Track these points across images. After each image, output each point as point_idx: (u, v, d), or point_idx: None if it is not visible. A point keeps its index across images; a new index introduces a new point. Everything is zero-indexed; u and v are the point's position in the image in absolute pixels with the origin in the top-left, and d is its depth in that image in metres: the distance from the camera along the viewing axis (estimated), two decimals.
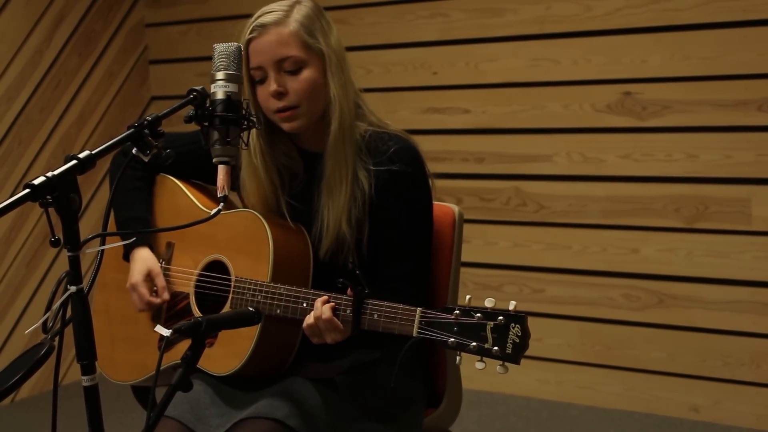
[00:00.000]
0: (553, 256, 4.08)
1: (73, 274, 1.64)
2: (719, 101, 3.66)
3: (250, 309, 1.93)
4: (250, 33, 2.16)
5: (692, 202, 3.76)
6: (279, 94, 2.16)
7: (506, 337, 1.82)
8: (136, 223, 2.34)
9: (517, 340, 1.82)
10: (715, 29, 3.65)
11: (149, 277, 2.29)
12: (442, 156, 4.25)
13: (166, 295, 2.29)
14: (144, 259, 2.31)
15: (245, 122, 1.92)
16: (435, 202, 2.37)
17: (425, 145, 2.32)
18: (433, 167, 2.27)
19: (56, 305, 1.70)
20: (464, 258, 2.47)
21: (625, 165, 3.88)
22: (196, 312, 2.26)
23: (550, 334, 4.10)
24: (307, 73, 2.17)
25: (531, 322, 1.85)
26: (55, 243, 1.62)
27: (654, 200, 3.83)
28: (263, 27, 2.16)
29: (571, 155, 4.00)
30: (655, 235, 3.85)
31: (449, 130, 4.26)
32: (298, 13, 2.18)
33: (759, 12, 3.56)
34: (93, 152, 1.69)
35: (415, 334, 1.91)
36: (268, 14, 2.17)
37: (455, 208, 2.40)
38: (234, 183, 2.28)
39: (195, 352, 1.78)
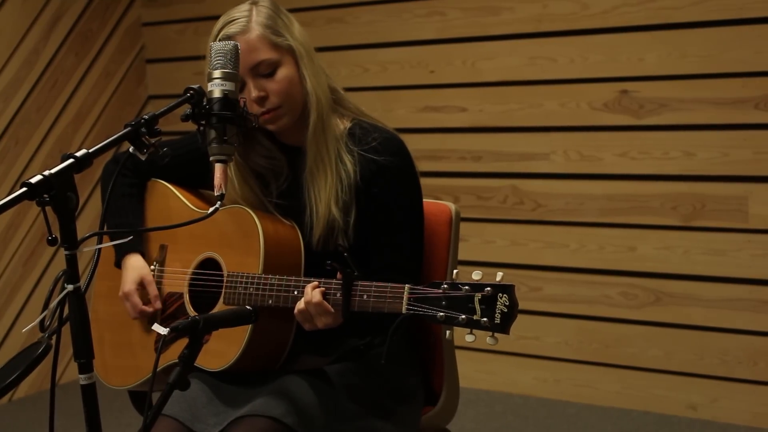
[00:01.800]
0: (550, 254, 4.08)
1: (71, 273, 1.64)
2: (716, 99, 3.67)
3: (247, 308, 1.94)
4: None
5: (689, 200, 3.76)
6: (261, 99, 2.18)
7: (494, 307, 1.82)
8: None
9: (506, 310, 1.82)
10: (712, 27, 3.65)
11: (141, 286, 2.30)
12: (439, 154, 4.25)
13: (158, 304, 2.30)
14: (135, 267, 2.32)
15: (242, 120, 1.93)
16: (432, 200, 2.38)
17: (422, 143, 2.33)
18: (430, 166, 2.28)
19: (53, 304, 1.70)
20: (461, 256, 2.47)
21: (622, 163, 3.88)
22: (191, 311, 2.26)
23: (548, 333, 4.10)
24: (282, 72, 2.19)
25: (529, 320, 1.85)
26: (52, 242, 1.63)
27: (651, 198, 3.84)
28: (229, 39, 2.16)
29: (568, 153, 4.00)
30: (652, 233, 3.85)
31: (446, 128, 4.25)
32: (259, 16, 2.19)
33: (755, 10, 3.56)
34: (90, 151, 1.70)
35: (404, 310, 1.91)
36: (230, 25, 2.19)
37: (452, 207, 2.40)
38: None
39: (192, 351, 1.79)
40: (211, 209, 1.85)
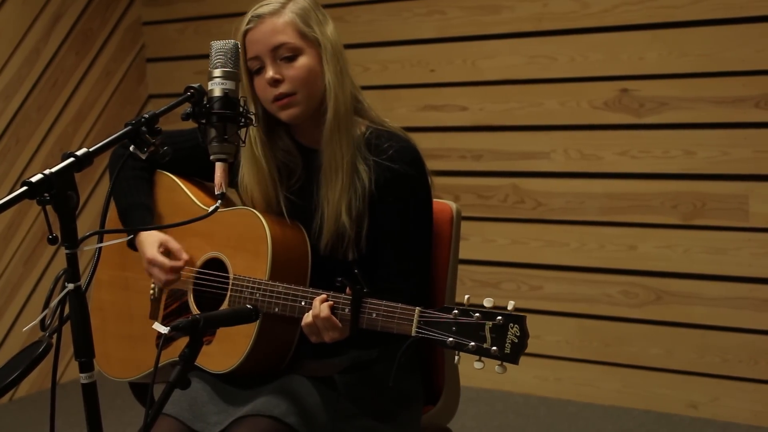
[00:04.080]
0: (551, 253, 4.08)
1: (71, 272, 1.64)
2: (716, 98, 3.67)
3: (248, 306, 1.93)
4: (247, 24, 2.20)
5: (690, 199, 3.76)
6: (275, 81, 2.17)
7: (505, 337, 1.82)
8: (139, 210, 2.34)
9: (516, 341, 1.82)
10: (712, 26, 3.65)
11: (162, 247, 2.28)
12: (439, 153, 4.25)
13: (185, 256, 2.27)
14: (151, 235, 2.29)
15: (242, 119, 1.92)
16: (433, 200, 2.37)
17: (423, 142, 2.32)
18: (430, 164, 2.28)
19: (54, 303, 1.70)
20: (462, 255, 2.47)
21: (623, 162, 3.88)
22: (194, 309, 2.26)
23: (549, 331, 4.10)
24: (302, 60, 2.18)
25: (529, 319, 1.85)
26: (52, 240, 1.62)
27: (652, 197, 3.84)
28: (259, 17, 2.19)
29: (569, 152, 4.00)
30: (652, 232, 3.85)
31: (447, 127, 4.26)
32: (294, 5, 2.21)
33: (756, 9, 3.56)
34: (90, 150, 1.69)
35: (413, 333, 1.91)
36: (264, 6, 2.21)
37: (453, 206, 2.40)
38: (232, 180, 2.29)
39: (193, 350, 1.78)
40: (211, 208, 1.85)
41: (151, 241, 2.28)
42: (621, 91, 3.86)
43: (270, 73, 2.17)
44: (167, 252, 2.27)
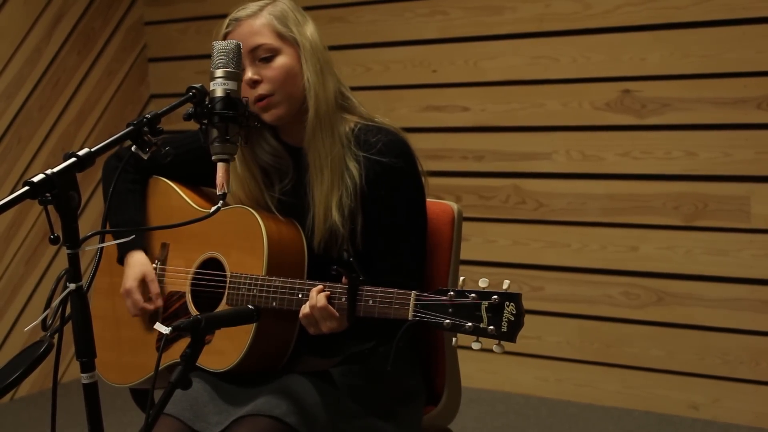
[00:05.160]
0: (552, 254, 4.08)
1: (73, 272, 1.64)
2: (718, 99, 3.67)
3: (249, 307, 1.94)
4: (226, 28, 2.22)
5: (691, 200, 3.76)
6: (254, 82, 2.18)
7: (501, 315, 1.83)
8: (128, 227, 2.35)
9: (512, 318, 1.82)
10: (715, 27, 3.65)
11: (144, 283, 2.30)
12: (441, 154, 4.25)
13: (159, 302, 2.31)
14: (139, 263, 2.32)
15: (244, 120, 1.93)
16: (434, 200, 2.37)
17: (424, 143, 2.33)
18: (432, 165, 2.28)
19: (56, 303, 1.70)
20: (463, 256, 2.47)
21: (625, 163, 3.88)
22: (193, 310, 2.26)
23: (550, 332, 4.10)
24: (280, 61, 2.19)
25: (530, 320, 1.86)
26: (54, 240, 1.63)
27: (653, 198, 3.83)
28: (237, 21, 2.21)
29: (571, 153, 4.00)
30: (654, 233, 3.85)
31: (448, 128, 4.25)
32: (273, 8, 2.23)
33: (758, 10, 3.56)
34: (92, 150, 1.70)
35: (410, 317, 1.92)
36: (242, 9, 2.23)
37: (454, 206, 2.40)
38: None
39: (194, 350, 1.79)
40: (213, 209, 1.85)
41: (135, 271, 2.31)
42: (623, 92, 3.86)
43: (249, 74, 2.18)
44: (146, 288, 2.31)
